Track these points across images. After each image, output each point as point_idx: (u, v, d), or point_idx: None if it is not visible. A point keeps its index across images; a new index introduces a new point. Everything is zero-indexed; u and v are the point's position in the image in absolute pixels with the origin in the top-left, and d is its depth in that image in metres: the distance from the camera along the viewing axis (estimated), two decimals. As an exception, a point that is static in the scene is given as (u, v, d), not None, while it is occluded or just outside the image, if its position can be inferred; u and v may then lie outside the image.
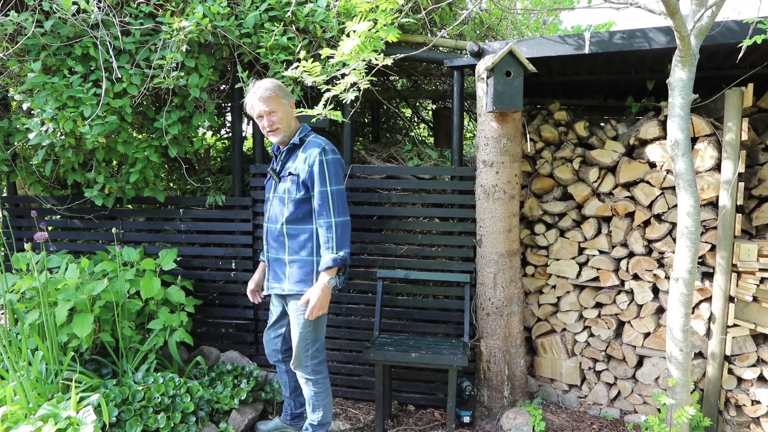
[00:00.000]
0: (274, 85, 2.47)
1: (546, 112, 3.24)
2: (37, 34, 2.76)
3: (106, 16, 2.82)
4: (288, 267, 2.52)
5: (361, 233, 3.22)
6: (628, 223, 2.96)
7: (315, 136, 2.54)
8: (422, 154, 3.45)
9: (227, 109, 4.25)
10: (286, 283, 2.53)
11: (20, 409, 2.40)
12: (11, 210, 3.60)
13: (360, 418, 3.13)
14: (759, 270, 2.62)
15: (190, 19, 2.73)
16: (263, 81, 2.49)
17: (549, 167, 3.15)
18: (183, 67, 2.90)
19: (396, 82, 4.74)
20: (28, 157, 3.41)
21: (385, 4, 2.06)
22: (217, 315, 3.47)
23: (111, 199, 3.29)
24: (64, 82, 2.81)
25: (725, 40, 2.49)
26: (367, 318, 3.25)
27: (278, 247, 2.56)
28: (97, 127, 2.81)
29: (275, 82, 2.50)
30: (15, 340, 2.77)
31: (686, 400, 2.39)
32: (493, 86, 2.64)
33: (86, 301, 2.76)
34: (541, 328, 3.28)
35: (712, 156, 2.71)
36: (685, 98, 2.17)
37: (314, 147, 2.46)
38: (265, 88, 2.44)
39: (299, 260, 2.51)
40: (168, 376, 2.78)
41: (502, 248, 2.94)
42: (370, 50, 2.10)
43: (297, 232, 2.50)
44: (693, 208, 2.20)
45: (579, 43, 2.71)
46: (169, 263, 3.16)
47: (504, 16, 3.84)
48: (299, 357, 2.56)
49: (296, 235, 2.50)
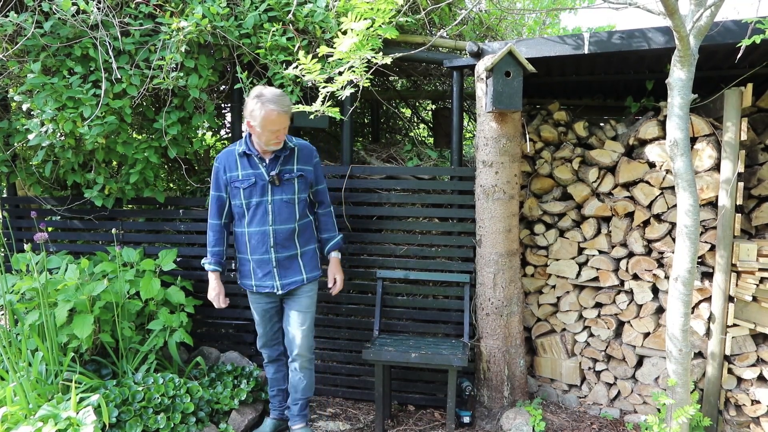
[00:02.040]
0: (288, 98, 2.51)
1: (545, 112, 3.24)
2: (37, 35, 2.76)
3: (105, 17, 2.82)
4: (301, 260, 2.71)
5: (360, 233, 3.22)
6: (628, 223, 2.96)
7: (296, 138, 2.73)
8: (422, 155, 3.45)
9: (227, 110, 4.25)
10: (303, 273, 2.71)
11: (20, 410, 2.40)
12: (11, 211, 3.60)
13: (360, 418, 3.13)
14: (758, 270, 2.62)
15: (189, 19, 2.73)
16: (280, 93, 2.43)
17: (548, 167, 3.15)
18: (182, 68, 2.90)
19: (395, 83, 4.74)
20: (27, 158, 3.41)
21: (383, 4, 2.06)
22: (217, 315, 3.47)
23: (111, 199, 3.29)
24: (64, 82, 2.81)
25: (724, 40, 2.49)
26: (367, 318, 3.25)
27: (289, 245, 2.66)
28: (97, 127, 2.82)
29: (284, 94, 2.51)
30: (15, 340, 2.77)
31: (686, 399, 2.39)
32: (493, 86, 2.65)
33: (86, 301, 2.76)
34: (541, 328, 3.28)
35: (711, 156, 2.71)
36: (684, 98, 2.17)
37: (307, 148, 2.70)
38: (287, 104, 2.44)
39: (309, 250, 2.74)
40: (168, 377, 2.78)
41: (502, 248, 2.94)
42: (368, 48, 2.10)
43: (305, 226, 2.73)
44: (692, 207, 2.20)
45: (578, 43, 2.72)
46: (168, 264, 3.16)
47: (503, 16, 3.85)
48: (310, 338, 2.74)
49: (305, 229, 2.72)
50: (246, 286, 2.74)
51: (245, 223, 2.63)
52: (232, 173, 2.60)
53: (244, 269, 2.72)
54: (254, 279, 2.68)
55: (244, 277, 2.73)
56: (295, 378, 2.77)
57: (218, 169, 2.62)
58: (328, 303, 3.30)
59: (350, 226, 3.20)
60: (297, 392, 2.79)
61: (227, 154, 2.63)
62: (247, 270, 2.70)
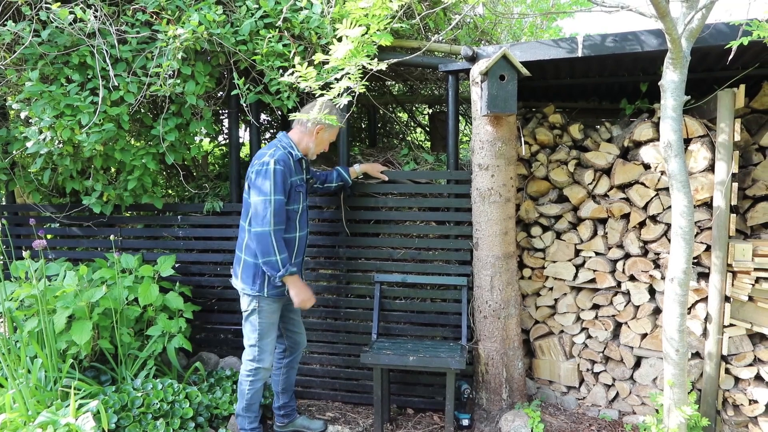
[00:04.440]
0: None
1: (541, 115, 3.26)
2: (35, 43, 2.78)
3: (102, 25, 2.84)
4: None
5: (358, 238, 3.23)
6: (624, 224, 2.98)
7: None
8: (419, 159, 3.46)
9: (224, 116, 4.27)
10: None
11: (19, 417, 2.40)
12: (10, 218, 3.61)
13: (359, 422, 3.14)
14: (754, 269, 2.63)
15: (185, 27, 2.75)
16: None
17: (544, 170, 3.17)
18: (179, 75, 2.92)
19: (392, 87, 4.77)
20: (26, 166, 3.43)
21: (378, 10, 2.08)
22: (216, 321, 3.48)
23: (109, 206, 3.31)
24: (62, 90, 2.83)
25: (716, 42, 2.51)
26: (365, 322, 3.26)
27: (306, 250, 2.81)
28: (95, 134, 2.83)
29: None
30: (14, 347, 2.78)
31: (684, 400, 2.39)
32: (488, 90, 2.66)
33: (85, 308, 2.77)
34: (539, 330, 3.29)
35: (706, 157, 2.73)
36: (677, 100, 2.19)
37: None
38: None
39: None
40: (167, 382, 2.79)
41: (499, 251, 2.95)
42: (364, 55, 2.12)
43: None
44: (687, 208, 2.22)
45: (572, 47, 2.74)
46: (167, 269, 3.17)
47: (498, 20, 3.87)
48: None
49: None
50: (278, 295, 2.63)
51: (296, 228, 2.65)
52: (293, 177, 2.58)
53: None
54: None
55: (279, 287, 2.61)
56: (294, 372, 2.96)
57: (284, 173, 2.51)
58: (326, 307, 3.31)
59: (348, 231, 3.22)
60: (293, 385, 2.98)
61: (285, 158, 2.54)
62: None
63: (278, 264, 2.47)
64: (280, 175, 2.48)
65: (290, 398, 2.96)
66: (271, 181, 2.46)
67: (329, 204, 3.24)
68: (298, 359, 2.97)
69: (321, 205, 3.25)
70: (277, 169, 2.47)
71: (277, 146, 2.58)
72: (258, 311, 2.62)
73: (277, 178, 2.47)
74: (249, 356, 2.67)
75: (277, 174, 2.47)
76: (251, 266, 2.60)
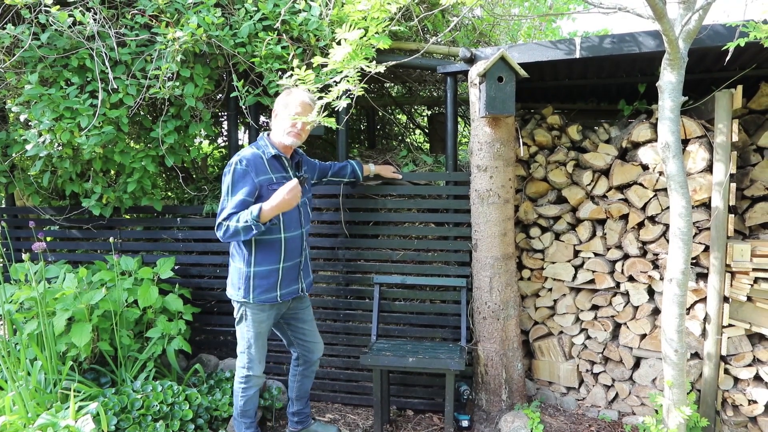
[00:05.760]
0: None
1: (539, 116, 3.27)
2: (34, 46, 2.79)
3: (101, 28, 2.85)
4: (308, 259, 2.78)
5: (357, 239, 3.24)
6: (623, 225, 2.98)
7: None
8: (418, 160, 3.47)
9: (223, 118, 4.28)
10: (310, 275, 2.81)
11: (19, 419, 2.41)
12: (10, 221, 3.62)
13: (359, 423, 3.14)
14: (753, 270, 2.64)
15: (184, 29, 2.76)
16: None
17: (543, 171, 3.17)
18: (178, 77, 2.93)
19: (391, 89, 4.77)
20: (26, 168, 3.43)
21: (376, 12, 2.09)
22: (216, 323, 3.48)
23: (109, 208, 3.31)
24: (61, 93, 2.84)
25: (713, 43, 2.51)
26: (365, 324, 3.26)
27: (305, 248, 2.70)
28: (94, 137, 2.84)
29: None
30: (14, 350, 2.78)
31: (683, 400, 2.40)
32: (486, 91, 2.67)
33: (84, 310, 2.77)
34: (538, 331, 3.29)
35: (704, 158, 2.73)
36: (675, 101, 2.20)
37: (304, 155, 2.78)
38: (313, 99, 2.44)
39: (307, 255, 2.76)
40: (167, 384, 2.79)
41: (498, 252, 2.96)
42: (362, 58, 2.13)
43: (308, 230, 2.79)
44: (685, 209, 2.22)
45: (570, 48, 2.74)
46: (166, 272, 3.18)
47: (496, 22, 3.88)
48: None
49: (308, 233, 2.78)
50: (267, 301, 2.53)
51: (281, 230, 2.51)
52: (262, 176, 2.44)
53: (268, 282, 2.52)
54: (280, 289, 2.55)
55: (266, 292, 2.52)
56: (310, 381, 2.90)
57: (245, 172, 2.41)
58: (325, 309, 3.31)
59: (347, 232, 3.22)
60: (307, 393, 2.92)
61: (253, 158, 2.45)
62: (273, 282, 2.53)
63: (242, 227, 2.32)
64: (238, 174, 2.40)
65: (305, 405, 2.93)
66: (230, 179, 2.41)
67: (328, 206, 3.25)
68: (313, 369, 2.88)
69: (320, 206, 3.25)
70: (237, 168, 2.41)
71: (251, 146, 2.54)
72: (245, 318, 2.58)
73: (234, 176, 2.40)
74: (241, 363, 2.66)
75: (236, 173, 2.40)
76: (236, 271, 2.55)
